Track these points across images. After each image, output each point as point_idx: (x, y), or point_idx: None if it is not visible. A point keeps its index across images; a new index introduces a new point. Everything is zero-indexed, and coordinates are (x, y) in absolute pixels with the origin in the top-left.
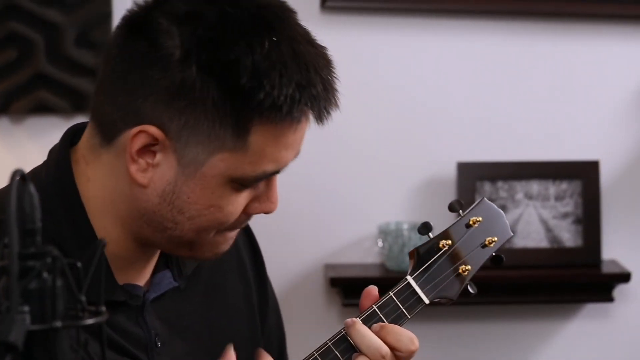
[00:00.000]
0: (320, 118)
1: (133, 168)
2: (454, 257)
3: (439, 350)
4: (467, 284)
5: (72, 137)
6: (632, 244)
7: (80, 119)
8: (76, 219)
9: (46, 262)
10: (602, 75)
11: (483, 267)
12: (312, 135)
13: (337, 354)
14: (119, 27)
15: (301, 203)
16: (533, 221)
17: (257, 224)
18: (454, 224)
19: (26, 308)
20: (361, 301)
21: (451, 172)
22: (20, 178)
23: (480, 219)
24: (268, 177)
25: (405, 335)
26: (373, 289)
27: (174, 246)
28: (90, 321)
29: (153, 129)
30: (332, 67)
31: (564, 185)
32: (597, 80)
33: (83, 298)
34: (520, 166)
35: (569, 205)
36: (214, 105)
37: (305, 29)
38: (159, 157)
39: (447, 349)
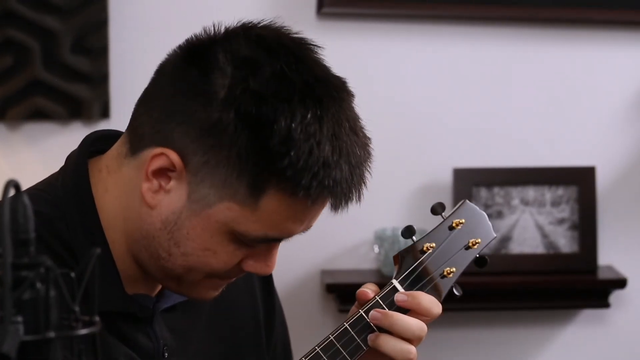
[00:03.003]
0: (335, 206)
1: (145, 186)
2: (439, 260)
3: (436, 356)
4: (452, 286)
5: (91, 144)
6: (628, 250)
7: (77, 125)
8: (91, 228)
9: (39, 273)
10: (598, 81)
11: (477, 273)
12: None
13: (354, 334)
14: (180, 47)
15: None
16: (529, 227)
17: None
18: (437, 226)
19: (20, 318)
20: (356, 305)
21: (447, 178)
22: (14, 188)
23: (463, 220)
24: (268, 242)
25: (435, 302)
26: (365, 295)
27: (163, 277)
28: (83, 331)
29: (174, 155)
30: (367, 161)
31: (560, 191)
32: (593, 86)
33: (77, 308)
34: (517, 172)
35: (565, 211)
36: (238, 155)
37: (355, 115)
38: (172, 183)
39: (443, 355)
